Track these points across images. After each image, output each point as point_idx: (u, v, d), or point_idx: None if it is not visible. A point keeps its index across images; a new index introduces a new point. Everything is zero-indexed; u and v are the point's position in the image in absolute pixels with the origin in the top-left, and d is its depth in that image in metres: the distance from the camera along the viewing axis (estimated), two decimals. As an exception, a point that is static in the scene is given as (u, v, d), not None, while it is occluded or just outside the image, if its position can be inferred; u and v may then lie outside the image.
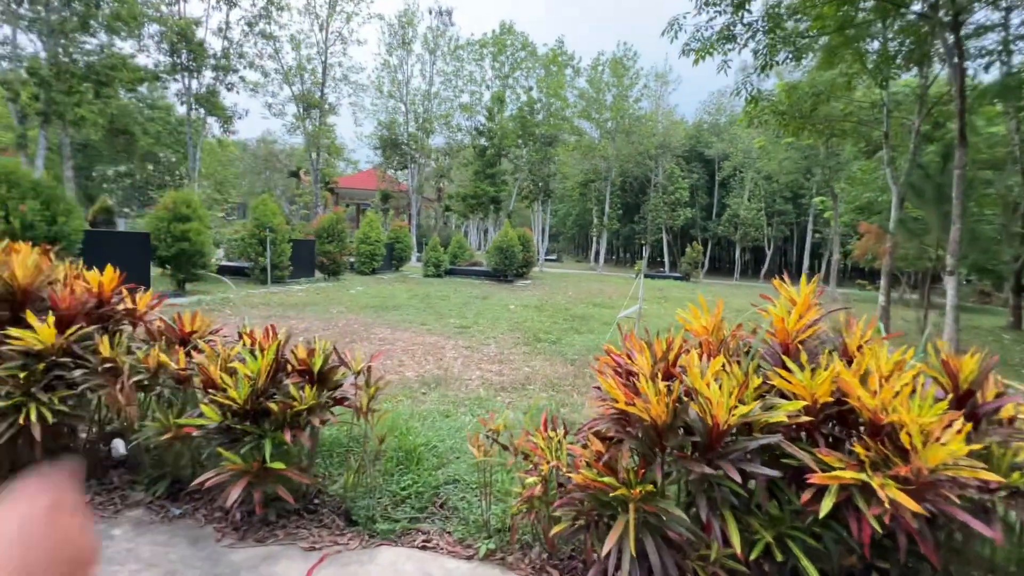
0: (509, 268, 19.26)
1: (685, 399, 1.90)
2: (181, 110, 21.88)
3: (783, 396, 1.90)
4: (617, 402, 1.97)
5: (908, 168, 10.90)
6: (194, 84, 18.84)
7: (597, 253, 40.21)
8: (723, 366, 1.97)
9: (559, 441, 2.22)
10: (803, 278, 2.28)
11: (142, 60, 18.52)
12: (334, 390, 2.53)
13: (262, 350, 2.40)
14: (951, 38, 7.26)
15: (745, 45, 8.18)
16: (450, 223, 47.42)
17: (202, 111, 19.02)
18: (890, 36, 9.36)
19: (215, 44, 18.90)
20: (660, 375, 2.09)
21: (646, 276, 30.76)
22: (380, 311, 10.10)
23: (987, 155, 12.72)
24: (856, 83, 10.97)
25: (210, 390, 2.32)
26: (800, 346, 2.08)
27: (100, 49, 15.20)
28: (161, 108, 34.20)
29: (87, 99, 14.30)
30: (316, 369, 2.42)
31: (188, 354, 2.63)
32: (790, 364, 1.95)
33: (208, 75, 18.74)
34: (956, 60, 7.35)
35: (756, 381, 1.94)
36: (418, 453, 3.18)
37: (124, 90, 19.49)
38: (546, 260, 36.63)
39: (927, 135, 12.08)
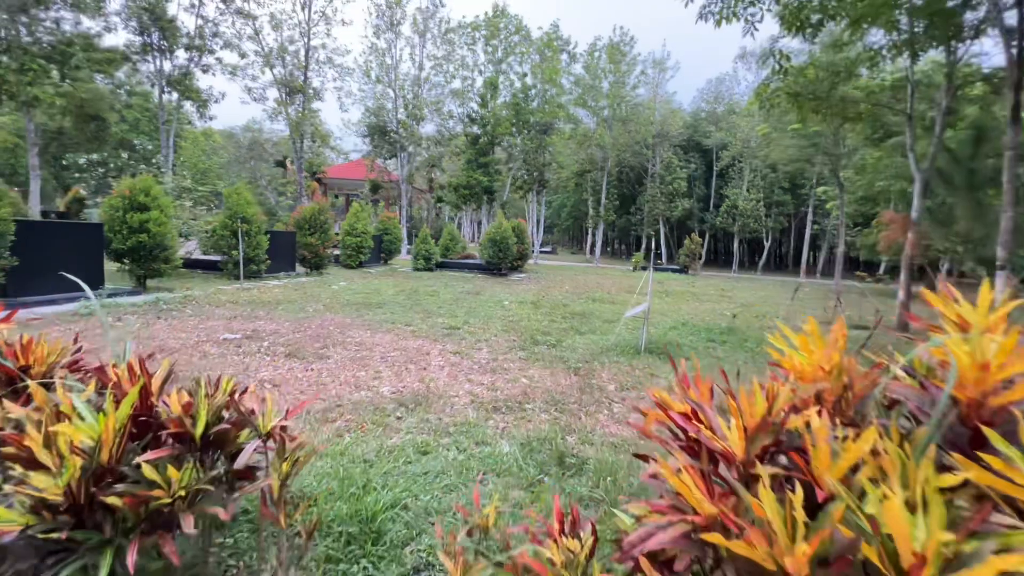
0: (503, 261, 18.36)
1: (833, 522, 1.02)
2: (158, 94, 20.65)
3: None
4: (696, 513, 1.12)
5: (932, 153, 10.09)
6: (167, 66, 17.65)
7: (593, 245, 39.39)
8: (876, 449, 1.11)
9: (586, 557, 1.35)
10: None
11: (111, 40, 17.29)
12: (233, 459, 1.64)
13: (117, 400, 1.52)
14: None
15: (769, 8, 7.27)
16: (442, 215, 46.39)
17: (175, 95, 17.83)
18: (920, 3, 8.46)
19: (188, 22, 17.71)
20: (762, 454, 1.23)
21: (643, 269, 29.98)
22: (362, 309, 9.20)
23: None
24: (880, 59, 10.11)
25: (28, 470, 1.43)
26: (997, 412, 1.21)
27: (58, 27, 14.01)
28: (140, 94, 32.81)
29: (45, 78, 13.15)
30: (199, 431, 1.53)
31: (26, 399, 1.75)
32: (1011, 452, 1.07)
33: (181, 55, 17.55)
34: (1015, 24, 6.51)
35: (933, 477, 1.07)
36: (379, 522, 2.32)
37: (99, 74, 18.31)
38: (541, 252, 35.77)
39: (948, 121, 11.29)
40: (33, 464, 1.43)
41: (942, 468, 1.09)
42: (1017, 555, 0.82)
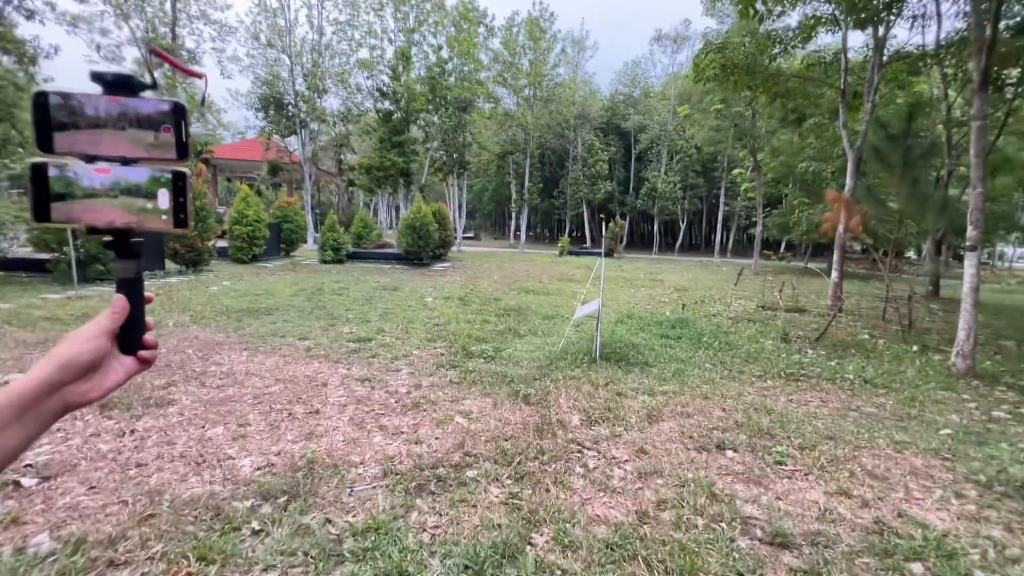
0: (424, 250, 16.61)
1: None
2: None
3: None
4: None
5: (864, 130, 9.92)
6: (-27, 9, 13.57)
7: (517, 230, 38.40)
8: None
9: None
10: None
11: None
12: None
13: None
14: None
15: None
16: (356, 200, 43.00)
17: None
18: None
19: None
20: None
21: (570, 253, 29.46)
22: (245, 319, 7.21)
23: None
24: (816, 34, 9.70)
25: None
26: None
27: None
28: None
29: None
30: None
31: None
32: None
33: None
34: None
35: None
36: None
37: None
38: (464, 239, 34.19)
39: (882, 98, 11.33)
40: None
41: None
42: None
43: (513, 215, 39.92)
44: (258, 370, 4.87)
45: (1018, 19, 8.75)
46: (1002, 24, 7.58)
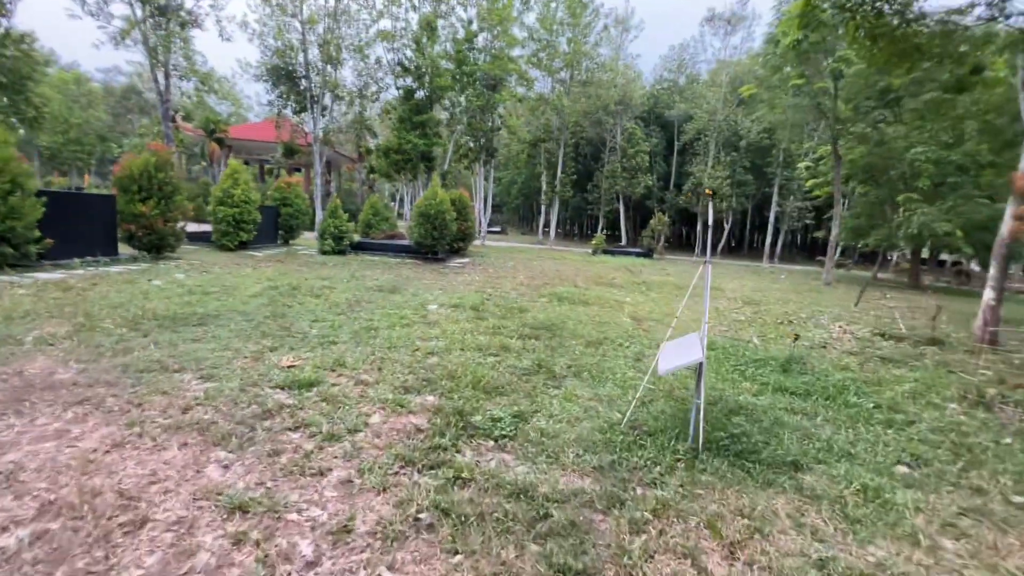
0: (439, 242, 14.20)
1: None
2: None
3: None
4: None
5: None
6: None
7: (546, 225, 35.74)
8: None
9: None
10: None
11: None
12: None
13: None
14: None
15: None
16: (378, 188, 41.12)
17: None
18: None
19: None
20: None
21: (604, 252, 26.59)
22: (156, 332, 4.92)
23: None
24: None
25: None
26: None
27: None
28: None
29: None
30: None
31: None
32: None
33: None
34: None
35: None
36: None
37: None
38: (489, 232, 31.74)
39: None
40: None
41: None
42: None
43: (543, 209, 37.23)
44: (45, 465, 2.48)
45: None
46: None
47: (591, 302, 9.27)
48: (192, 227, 14.44)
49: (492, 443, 3.11)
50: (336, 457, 2.76)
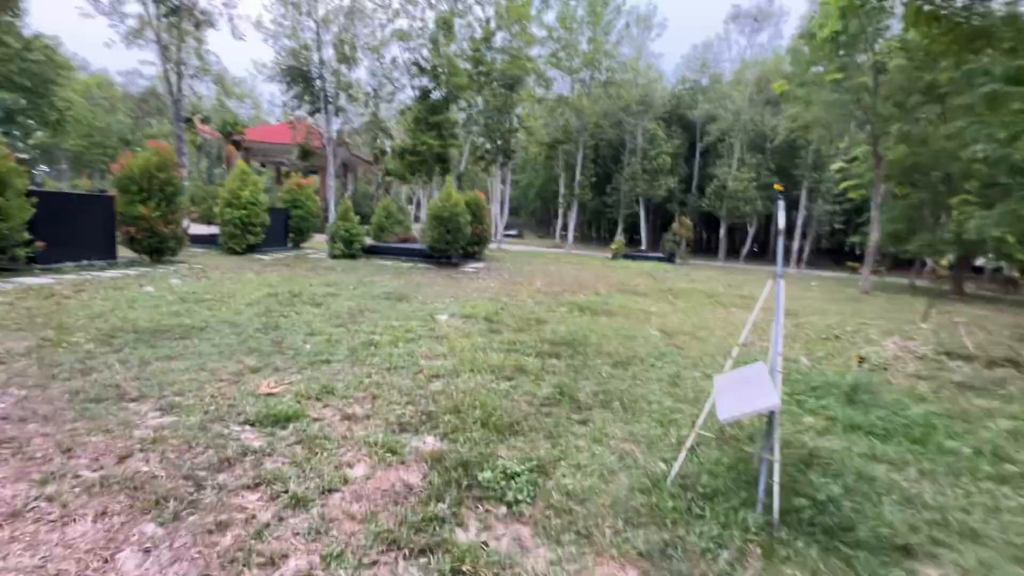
0: (452, 246, 13.59)
1: None
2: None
3: None
4: None
5: None
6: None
7: (564, 228, 34.95)
8: None
9: None
10: None
11: None
12: None
13: None
14: None
15: None
16: (395, 192, 40.88)
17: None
18: None
19: None
20: None
21: (625, 257, 25.67)
22: (128, 348, 4.37)
23: None
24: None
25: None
26: None
27: None
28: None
29: None
30: None
31: None
32: None
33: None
34: None
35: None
36: None
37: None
38: (506, 236, 31.11)
39: None
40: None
41: None
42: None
43: (560, 212, 36.48)
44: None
45: None
46: None
47: (615, 312, 8.52)
48: (203, 229, 14.13)
49: (504, 509, 2.42)
50: (298, 534, 2.09)
